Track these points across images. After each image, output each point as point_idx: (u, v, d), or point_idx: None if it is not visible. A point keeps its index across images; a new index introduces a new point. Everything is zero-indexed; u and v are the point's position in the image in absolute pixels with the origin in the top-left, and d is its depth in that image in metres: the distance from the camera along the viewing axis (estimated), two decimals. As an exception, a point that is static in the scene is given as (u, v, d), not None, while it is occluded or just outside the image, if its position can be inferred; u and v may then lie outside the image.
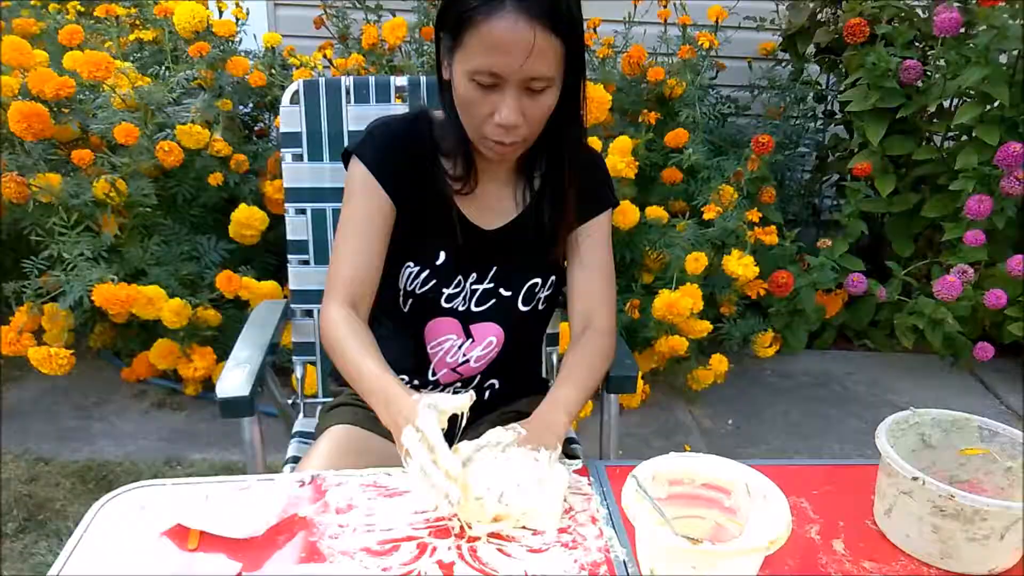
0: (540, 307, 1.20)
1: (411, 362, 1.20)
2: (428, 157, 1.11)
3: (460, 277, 1.16)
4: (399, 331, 1.19)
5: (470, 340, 1.19)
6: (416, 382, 1.22)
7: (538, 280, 1.18)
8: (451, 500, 0.83)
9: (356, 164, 1.10)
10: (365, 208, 1.09)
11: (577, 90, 1.04)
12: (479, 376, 1.23)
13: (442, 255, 1.14)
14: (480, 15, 0.92)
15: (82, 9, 2.77)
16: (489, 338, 1.19)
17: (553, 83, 0.98)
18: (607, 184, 1.23)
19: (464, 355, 1.20)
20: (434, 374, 1.21)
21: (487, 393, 1.25)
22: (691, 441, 2.39)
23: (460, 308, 1.17)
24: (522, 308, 1.19)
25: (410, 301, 1.17)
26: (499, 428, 0.94)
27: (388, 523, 0.87)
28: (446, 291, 1.15)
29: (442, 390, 1.23)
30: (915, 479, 0.80)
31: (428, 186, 1.11)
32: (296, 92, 1.42)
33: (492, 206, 1.16)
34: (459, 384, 1.23)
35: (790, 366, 2.86)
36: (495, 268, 1.16)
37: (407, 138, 1.12)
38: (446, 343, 1.19)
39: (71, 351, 2.02)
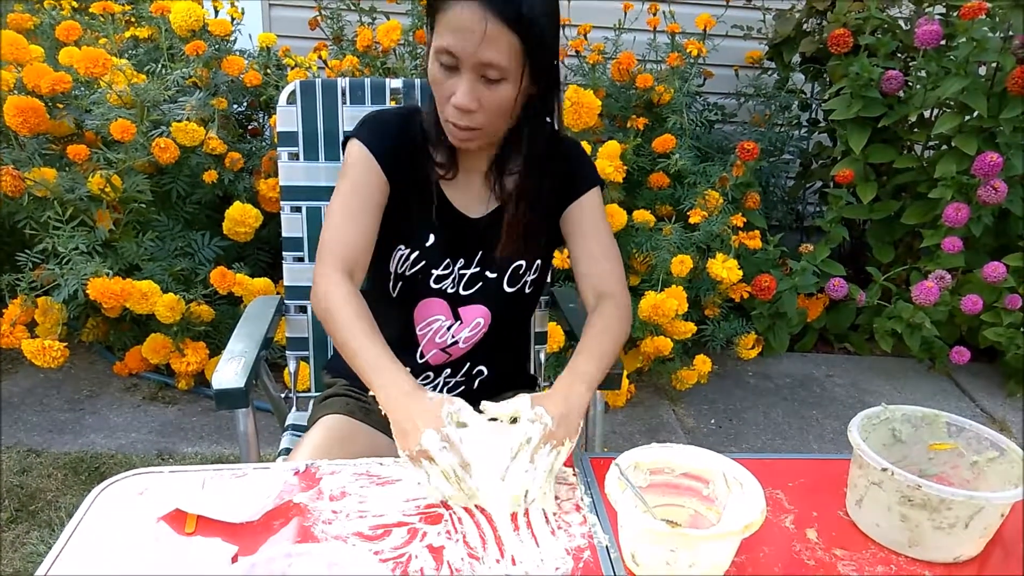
0: (527, 290, 1.25)
1: (400, 344, 1.22)
2: (418, 146, 1.17)
3: (448, 260, 1.20)
4: (389, 314, 1.22)
5: (459, 322, 1.23)
6: (408, 370, 1.25)
7: (522, 263, 1.22)
8: (451, 502, 0.91)
9: (356, 145, 1.15)
10: (364, 182, 1.14)
11: (544, 94, 1.10)
12: (468, 361, 1.26)
13: (432, 237, 1.19)
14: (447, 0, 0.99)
15: (76, 5, 2.78)
16: (477, 319, 1.24)
17: (508, 76, 1.02)
18: (588, 166, 1.26)
19: (453, 336, 1.24)
20: (422, 356, 1.25)
21: (476, 382, 1.29)
22: (674, 440, 2.43)
23: (449, 290, 1.22)
24: (507, 289, 1.23)
25: (400, 284, 1.21)
26: (527, 411, 0.96)
27: (380, 509, 0.89)
28: (435, 272, 1.20)
29: (432, 371, 1.26)
30: (884, 470, 0.83)
31: (417, 173, 1.17)
32: (293, 92, 1.45)
33: (476, 195, 1.21)
34: (447, 367, 1.26)
35: (772, 368, 2.92)
36: (480, 252, 1.21)
37: (400, 126, 1.18)
38: (435, 323, 1.23)
39: (64, 344, 2.03)
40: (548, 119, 1.16)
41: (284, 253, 1.51)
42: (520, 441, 0.93)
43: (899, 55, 2.83)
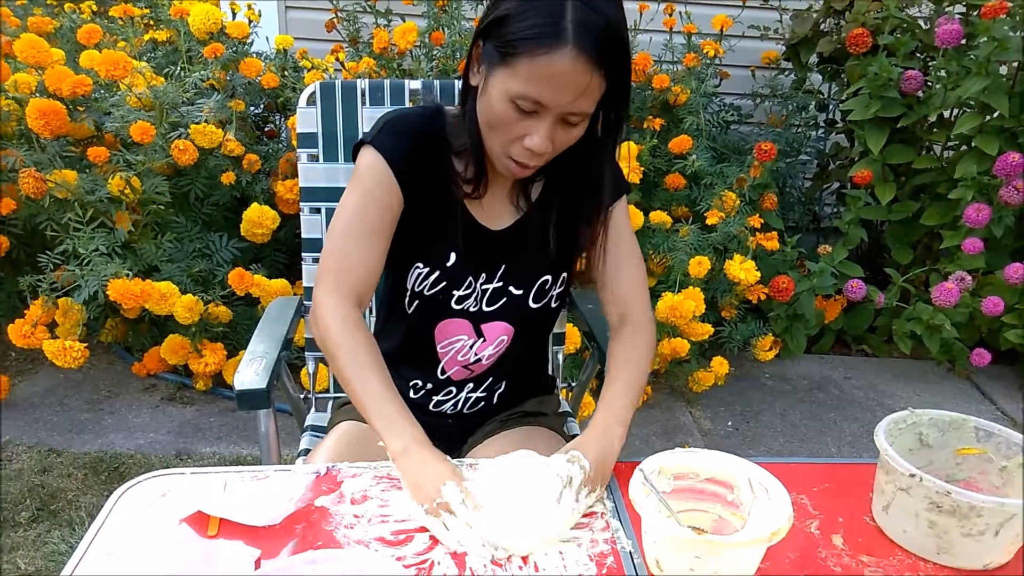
0: (553, 304, 1.20)
1: (420, 362, 1.20)
2: (441, 156, 1.10)
3: (471, 278, 1.15)
4: (405, 331, 1.19)
5: (482, 339, 1.18)
6: (429, 385, 1.23)
7: (548, 277, 1.17)
8: (495, 554, 0.84)
9: (372, 153, 1.06)
10: (375, 199, 1.06)
11: (620, 121, 1.05)
12: (490, 376, 1.23)
13: (452, 256, 1.12)
14: (541, 47, 0.90)
15: (96, 9, 2.80)
16: (500, 337, 1.19)
17: (587, 118, 0.99)
18: (617, 170, 1.20)
19: (476, 354, 1.19)
20: (444, 372, 1.21)
21: (495, 396, 1.25)
22: (691, 442, 2.42)
23: (472, 309, 1.16)
24: (533, 305, 1.18)
25: (416, 303, 1.16)
26: (562, 457, 0.93)
27: (402, 514, 0.89)
28: (456, 293, 1.14)
29: (454, 387, 1.23)
30: (912, 476, 0.82)
31: (439, 185, 1.10)
32: (313, 94, 1.45)
33: (499, 207, 1.15)
34: (470, 382, 1.23)
35: (789, 370, 2.90)
36: (504, 267, 1.15)
37: (423, 134, 1.09)
38: (457, 343, 1.18)
39: (84, 344, 2.05)
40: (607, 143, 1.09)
41: (303, 254, 1.51)
42: (560, 486, 0.89)
43: (918, 55, 2.80)
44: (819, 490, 0.97)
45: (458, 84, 1.46)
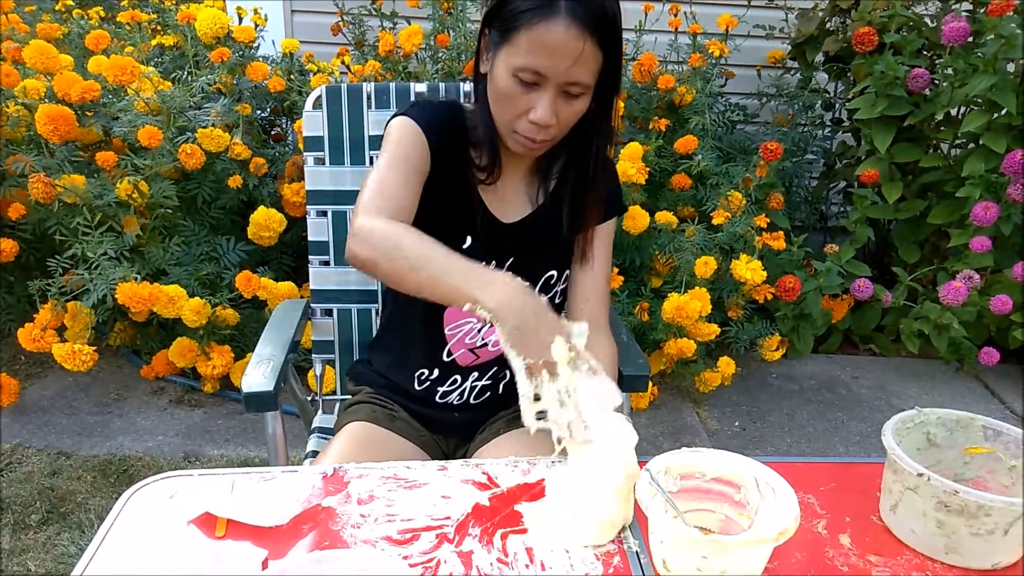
0: (557, 300, 1.24)
1: (427, 344, 1.23)
2: (462, 143, 1.16)
3: (483, 263, 1.18)
4: (414, 313, 1.22)
5: (488, 325, 1.20)
6: (435, 373, 1.24)
7: (554, 273, 1.22)
8: (572, 435, 0.86)
9: (405, 121, 1.11)
10: (408, 149, 1.09)
11: (612, 101, 1.10)
12: (495, 366, 1.25)
13: (468, 240, 1.17)
14: (536, 17, 0.97)
15: (104, 15, 2.82)
16: None
17: (589, 91, 1.03)
18: (618, 191, 1.29)
19: (483, 339, 1.23)
20: (450, 355, 1.24)
21: (501, 386, 1.28)
22: (698, 442, 2.42)
23: None
24: None
25: None
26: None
27: (409, 514, 0.89)
28: None
29: (459, 375, 1.25)
30: (920, 475, 0.82)
31: (457, 172, 1.15)
32: (319, 97, 1.46)
33: (511, 200, 1.20)
34: (475, 370, 1.25)
35: (796, 370, 2.89)
36: (512, 259, 1.20)
37: (448, 120, 1.16)
38: (465, 326, 1.22)
39: (93, 348, 2.06)
40: (602, 125, 1.14)
41: (310, 257, 1.51)
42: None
43: (925, 53, 2.79)
44: (826, 490, 0.97)
45: (463, 86, 1.49)
